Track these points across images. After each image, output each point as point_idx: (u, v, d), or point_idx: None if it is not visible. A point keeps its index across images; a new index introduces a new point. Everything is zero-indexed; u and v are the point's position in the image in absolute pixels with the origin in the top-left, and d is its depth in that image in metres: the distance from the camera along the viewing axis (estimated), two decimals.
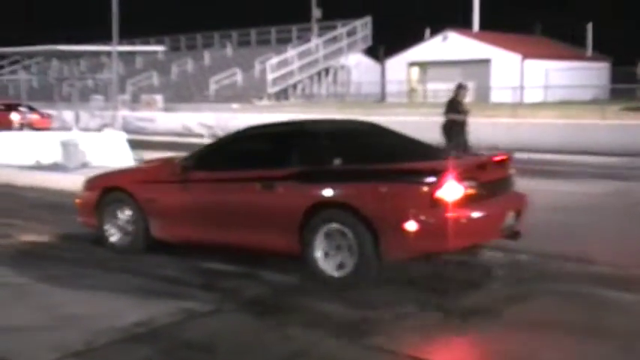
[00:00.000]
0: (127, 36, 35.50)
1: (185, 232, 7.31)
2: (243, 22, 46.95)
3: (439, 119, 13.79)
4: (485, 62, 36.86)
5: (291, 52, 40.71)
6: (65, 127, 19.92)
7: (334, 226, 6.25)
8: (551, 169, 14.94)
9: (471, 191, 6.10)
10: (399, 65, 40.68)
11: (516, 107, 26.30)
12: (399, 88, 38.95)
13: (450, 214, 5.93)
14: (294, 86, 40.33)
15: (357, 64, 42.55)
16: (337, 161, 6.48)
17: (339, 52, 42.08)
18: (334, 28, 42.87)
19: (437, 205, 5.93)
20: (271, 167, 6.71)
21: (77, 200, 8.36)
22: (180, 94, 39.16)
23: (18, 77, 33.70)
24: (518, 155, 9.29)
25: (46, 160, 14.26)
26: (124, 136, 15.74)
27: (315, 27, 43.79)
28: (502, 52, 37.02)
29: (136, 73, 44.95)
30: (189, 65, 45.19)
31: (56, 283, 6.51)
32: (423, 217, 5.93)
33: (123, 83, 38.88)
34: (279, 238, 6.59)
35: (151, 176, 7.70)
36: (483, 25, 40.34)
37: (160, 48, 33.83)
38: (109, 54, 20.81)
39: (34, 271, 6.96)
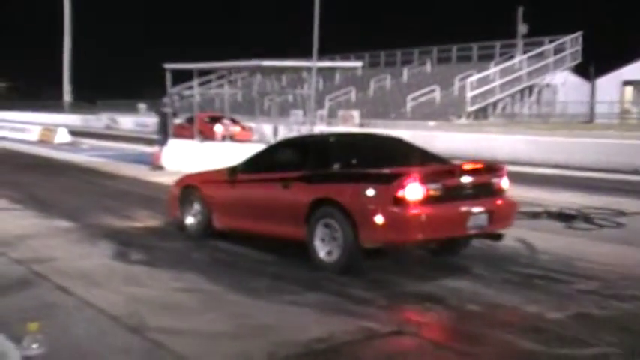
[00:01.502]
0: (328, 52, 36.70)
1: (231, 222, 9.15)
2: (444, 38, 46.89)
3: None
4: None
5: (492, 69, 39.95)
6: (264, 140, 20.93)
7: (327, 219, 7.64)
8: None
9: (433, 192, 7.24)
10: (611, 84, 38.59)
11: None
12: (609, 109, 36.92)
13: (410, 211, 7.12)
14: (495, 105, 39.52)
15: (564, 83, 40.90)
16: (337, 166, 7.98)
17: (544, 70, 40.70)
18: (540, 44, 41.53)
19: (400, 203, 7.14)
20: (291, 170, 8.25)
21: (167, 196, 10.43)
22: (377, 111, 39.72)
23: (223, 91, 35.86)
24: None
25: None
26: None
27: (519, 43, 42.69)
28: None
29: (334, 89, 46.26)
30: (387, 81, 45.77)
31: (245, 293, 6.84)
32: (388, 213, 7.15)
33: (321, 98, 40.12)
34: (293, 228, 8.01)
35: (213, 177, 9.61)
36: None
37: (358, 64, 34.42)
38: (309, 69, 21.57)
39: (226, 279, 7.38)
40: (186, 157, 18.82)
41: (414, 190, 7.14)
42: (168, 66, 20.91)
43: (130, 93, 60.60)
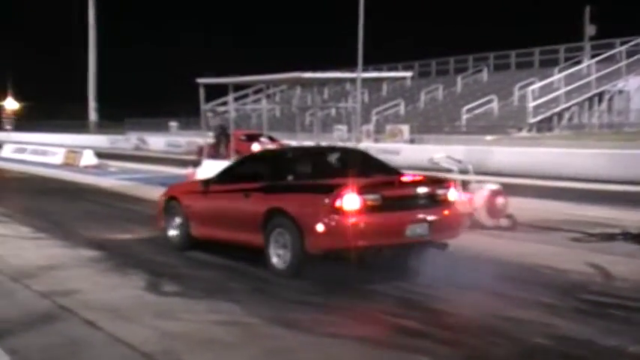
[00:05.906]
0: (374, 62, 36.75)
1: (205, 231, 10.35)
2: (502, 43, 46.64)
3: None
4: None
5: (557, 76, 39.56)
6: None
7: (279, 227, 8.84)
8: None
9: (371, 202, 8.38)
10: None
11: None
12: None
13: (347, 220, 8.28)
14: (560, 115, 39.07)
15: (638, 89, 40.31)
16: (290, 178, 9.27)
17: (615, 75, 40.16)
18: (611, 46, 41.05)
19: (338, 212, 8.33)
20: (253, 181, 9.53)
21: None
22: (429, 124, 39.64)
23: (261, 106, 36.09)
24: None
25: None
26: None
27: (587, 46, 42.27)
28: None
29: (381, 102, 46.31)
30: (439, 92, 45.66)
31: (285, 326, 6.80)
32: (327, 221, 8.35)
33: (367, 112, 40.13)
34: (252, 236, 9.20)
35: (191, 188, 11.15)
36: None
37: (407, 74, 34.36)
38: (353, 81, 21.62)
39: (265, 311, 7.35)
40: None
41: (350, 200, 8.32)
42: (202, 81, 21.08)
43: (160, 111, 61.36)
